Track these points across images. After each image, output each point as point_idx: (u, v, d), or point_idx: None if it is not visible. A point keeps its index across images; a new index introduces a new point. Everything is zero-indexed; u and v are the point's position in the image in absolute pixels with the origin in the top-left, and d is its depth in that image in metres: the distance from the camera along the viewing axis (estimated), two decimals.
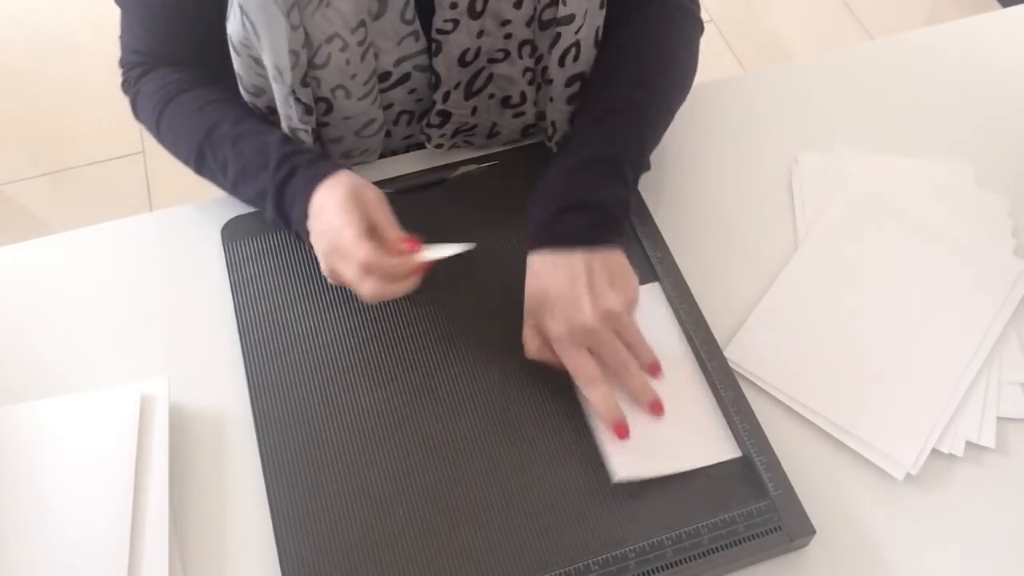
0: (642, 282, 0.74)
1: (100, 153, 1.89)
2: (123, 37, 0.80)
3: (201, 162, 0.76)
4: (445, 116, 0.80)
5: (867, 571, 0.64)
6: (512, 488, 0.65)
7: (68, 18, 2.16)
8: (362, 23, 0.69)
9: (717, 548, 0.62)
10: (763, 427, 0.67)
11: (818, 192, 0.83)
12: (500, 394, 0.69)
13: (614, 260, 0.69)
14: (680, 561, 0.61)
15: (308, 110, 0.75)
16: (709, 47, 0.86)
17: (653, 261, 0.76)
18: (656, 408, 0.67)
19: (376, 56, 0.73)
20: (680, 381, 0.70)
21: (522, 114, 0.81)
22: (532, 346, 0.69)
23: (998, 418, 0.70)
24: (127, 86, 0.82)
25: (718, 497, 0.64)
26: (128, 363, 0.72)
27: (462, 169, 0.82)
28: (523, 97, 0.79)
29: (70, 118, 1.96)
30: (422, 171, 0.83)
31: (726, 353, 0.72)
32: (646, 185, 0.81)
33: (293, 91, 0.72)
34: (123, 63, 0.82)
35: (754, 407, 0.68)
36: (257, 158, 0.72)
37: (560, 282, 0.67)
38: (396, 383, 0.70)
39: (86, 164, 1.88)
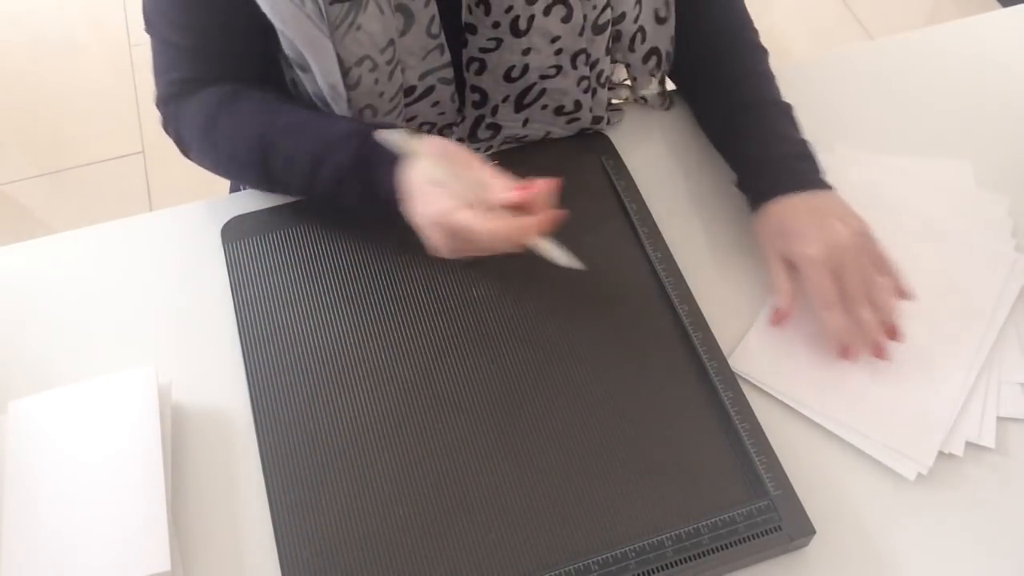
0: (642, 285, 0.75)
1: (100, 153, 1.89)
2: (159, 74, 0.76)
3: (264, 166, 0.72)
4: (496, 129, 0.81)
5: (867, 571, 0.64)
6: (512, 488, 0.65)
7: (68, 18, 2.16)
8: (391, 42, 0.69)
9: (717, 548, 0.62)
10: (763, 427, 0.67)
11: None
12: (501, 394, 0.69)
13: (840, 199, 0.73)
14: (680, 561, 0.61)
15: None
16: None
17: (654, 261, 0.76)
18: (877, 350, 0.69)
19: (403, 72, 0.73)
20: None
21: (576, 120, 0.82)
22: (782, 277, 0.72)
23: (998, 418, 0.70)
24: (168, 122, 0.78)
25: (718, 497, 0.64)
26: (128, 363, 0.72)
27: None
28: (577, 105, 0.80)
29: (70, 118, 1.96)
30: None
31: (730, 360, 0.71)
32: (647, 186, 0.81)
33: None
34: (160, 100, 0.77)
35: (754, 407, 0.68)
36: (322, 139, 0.70)
37: (807, 214, 0.71)
38: (396, 383, 0.70)
39: (86, 164, 1.88)
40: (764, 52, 0.82)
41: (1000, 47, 0.96)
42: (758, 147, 0.77)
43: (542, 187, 0.63)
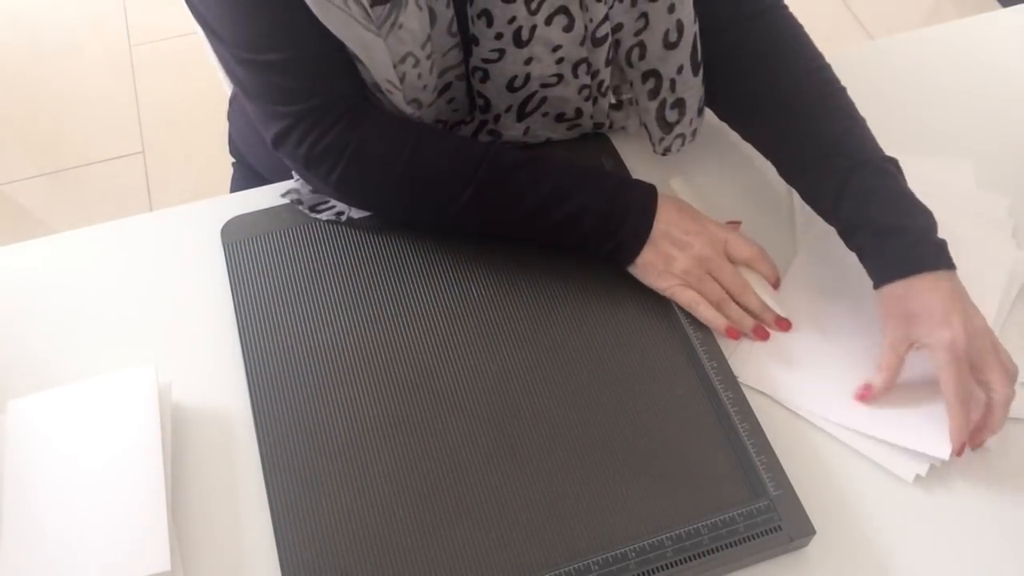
0: (642, 286, 0.75)
1: (100, 153, 1.89)
2: (271, 100, 0.70)
3: (479, 200, 0.72)
4: (496, 135, 0.81)
5: (867, 571, 0.64)
6: (512, 487, 0.65)
7: (68, 18, 2.16)
8: (429, 37, 0.70)
9: (717, 548, 0.62)
10: (763, 427, 0.67)
11: None
12: (501, 394, 0.69)
13: (961, 284, 0.69)
14: (680, 561, 0.61)
15: None
16: None
17: None
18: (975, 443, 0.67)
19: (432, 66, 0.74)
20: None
21: (578, 126, 0.82)
22: (896, 361, 0.69)
23: None
24: (313, 148, 0.71)
25: (718, 497, 0.64)
26: (128, 363, 0.72)
27: None
28: (578, 112, 0.80)
29: (70, 118, 1.96)
30: None
31: (730, 361, 0.71)
32: None
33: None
34: (287, 127, 0.71)
35: (754, 407, 0.68)
36: (567, 178, 0.73)
37: (944, 299, 0.67)
38: (396, 383, 0.69)
39: (86, 164, 1.88)
40: (844, 89, 0.77)
41: (1000, 47, 0.96)
42: (886, 216, 0.70)
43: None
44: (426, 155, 0.73)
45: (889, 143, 0.87)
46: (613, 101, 0.85)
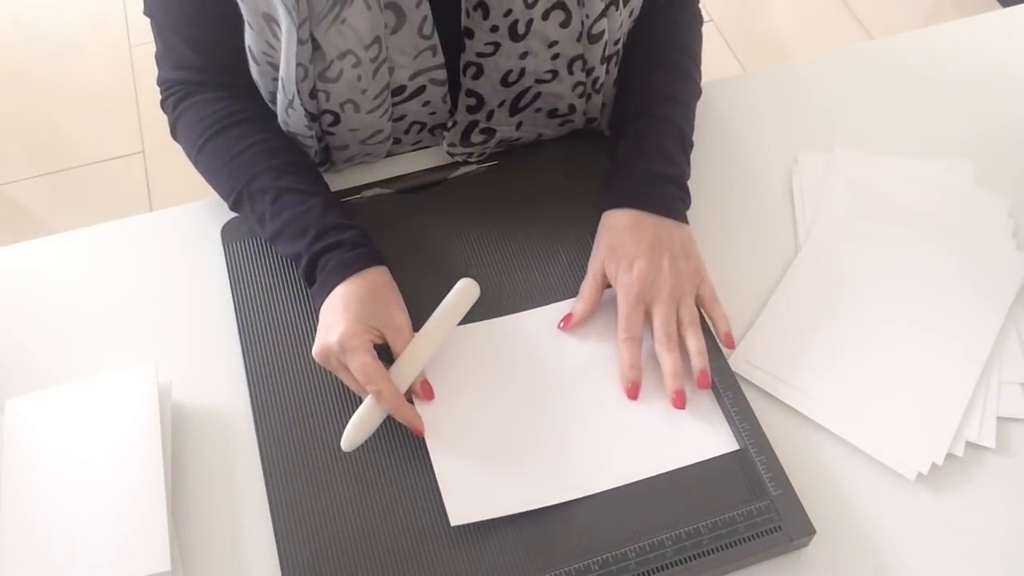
0: None
1: (100, 153, 1.89)
2: (162, 56, 0.78)
3: (238, 206, 0.75)
4: (490, 133, 0.81)
5: (867, 571, 0.64)
6: None
7: (68, 18, 2.16)
8: (377, 39, 0.69)
9: (717, 548, 0.62)
10: (763, 427, 0.67)
11: (818, 192, 0.83)
12: None
13: (688, 237, 0.73)
14: (680, 561, 0.61)
15: (313, 117, 0.75)
16: (709, 47, 0.87)
17: None
18: (678, 399, 0.68)
19: (391, 71, 0.73)
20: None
21: (570, 122, 0.82)
22: (593, 289, 0.72)
23: (998, 418, 0.70)
24: (167, 107, 0.80)
25: (718, 497, 0.64)
26: (128, 363, 0.72)
27: (462, 169, 0.82)
28: (571, 109, 0.80)
29: (70, 118, 1.96)
30: (422, 171, 0.83)
31: (733, 358, 0.71)
32: None
33: (292, 101, 0.72)
34: (162, 82, 0.79)
35: (754, 407, 0.68)
36: (296, 223, 0.71)
37: (645, 242, 0.71)
38: None
39: (86, 164, 1.88)
40: (691, 82, 0.82)
41: (1000, 47, 0.96)
42: (633, 154, 0.76)
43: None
44: (211, 155, 0.76)
45: (889, 143, 0.88)
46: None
